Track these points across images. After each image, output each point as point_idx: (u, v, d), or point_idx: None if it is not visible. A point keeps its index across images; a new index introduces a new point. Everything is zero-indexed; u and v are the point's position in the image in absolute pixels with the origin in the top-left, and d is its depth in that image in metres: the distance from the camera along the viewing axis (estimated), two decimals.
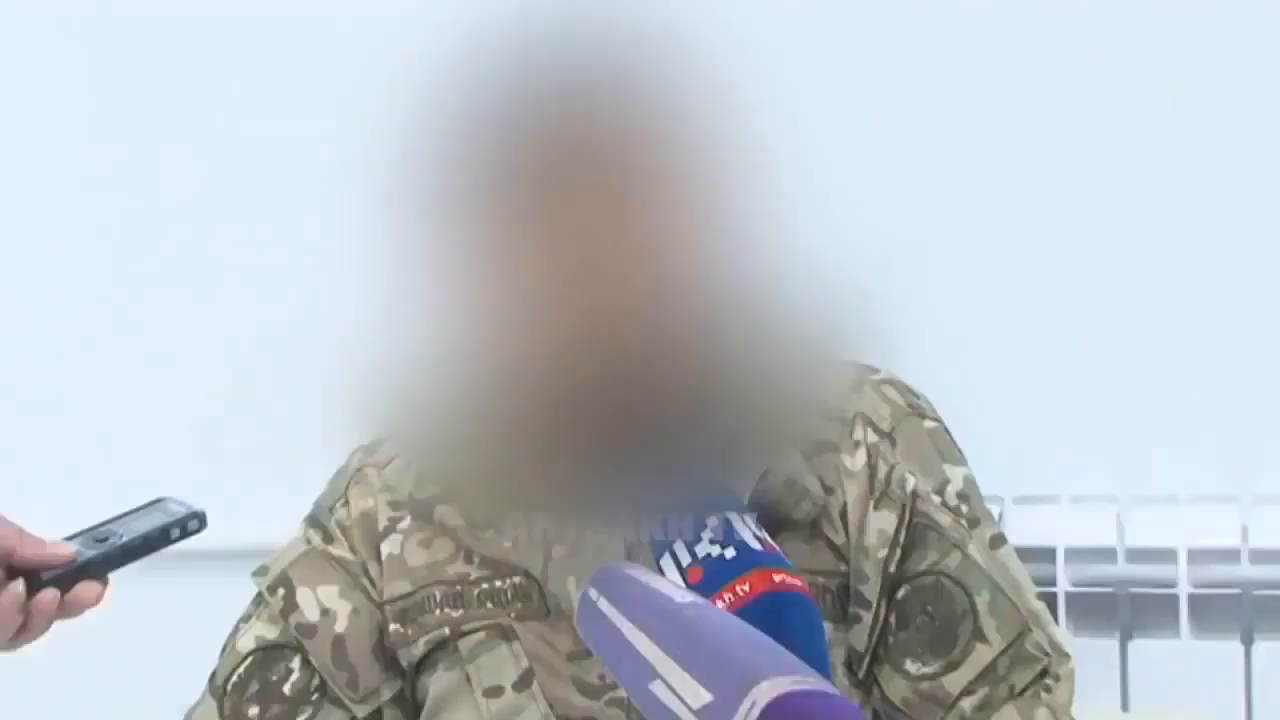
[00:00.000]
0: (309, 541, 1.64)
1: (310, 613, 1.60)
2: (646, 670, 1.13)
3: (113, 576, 1.42)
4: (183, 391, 2.18)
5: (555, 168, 1.41)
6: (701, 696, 1.08)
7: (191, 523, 1.45)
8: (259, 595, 1.64)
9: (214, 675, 1.62)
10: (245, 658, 1.61)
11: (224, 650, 1.63)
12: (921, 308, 1.88)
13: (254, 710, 1.59)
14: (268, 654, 1.61)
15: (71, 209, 2.22)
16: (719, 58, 1.41)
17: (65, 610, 1.39)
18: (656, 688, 1.12)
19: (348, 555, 1.62)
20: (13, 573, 1.38)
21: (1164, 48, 1.96)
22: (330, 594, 1.61)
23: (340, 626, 1.60)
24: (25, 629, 1.38)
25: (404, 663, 1.60)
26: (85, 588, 1.40)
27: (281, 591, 1.62)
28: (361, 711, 1.59)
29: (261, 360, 2.08)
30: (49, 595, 1.38)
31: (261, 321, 2.11)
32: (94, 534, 1.43)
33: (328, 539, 1.63)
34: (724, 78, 1.41)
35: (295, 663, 1.60)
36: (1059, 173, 1.96)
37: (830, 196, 1.54)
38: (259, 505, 1.85)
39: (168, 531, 1.44)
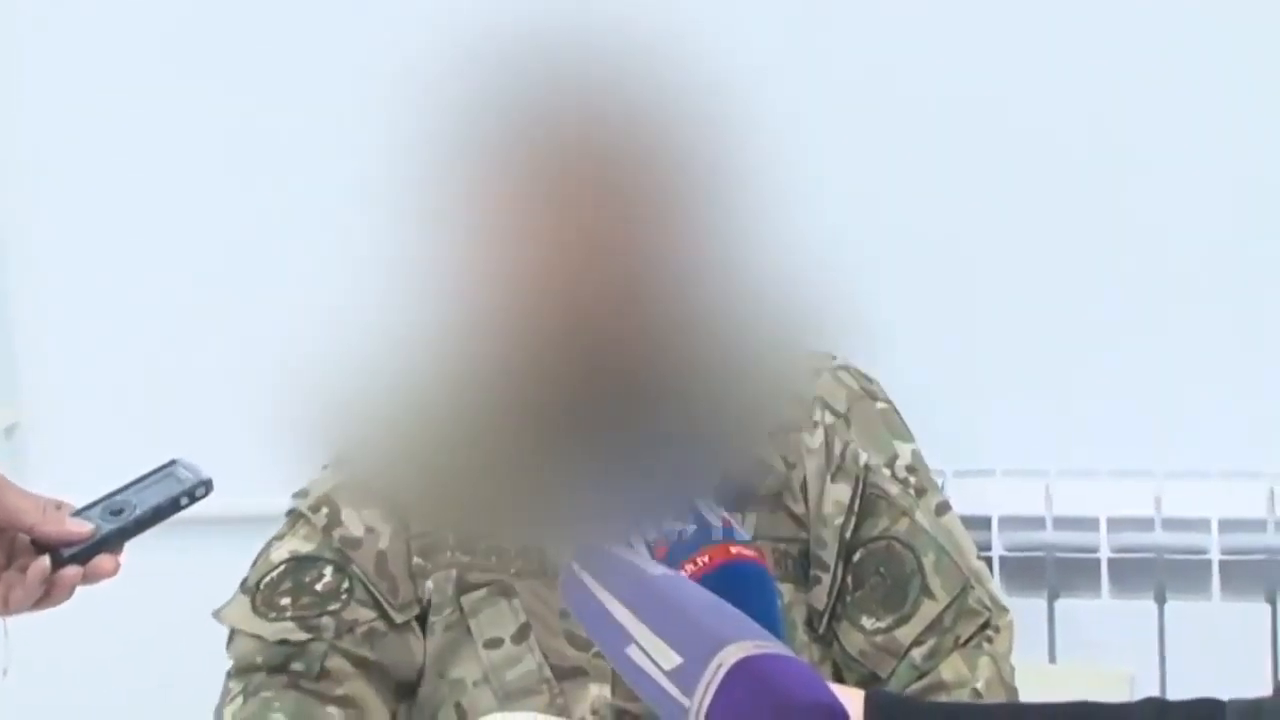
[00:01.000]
0: (347, 473, 1.73)
1: (355, 529, 1.71)
2: (623, 636, 1.25)
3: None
4: (214, 372, 2.23)
5: (544, 167, 1.49)
6: (673, 659, 1.19)
7: (199, 490, 1.49)
8: (294, 515, 1.74)
9: (245, 580, 1.73)
10: (278, 565, 1.71)
11: (255, 562, 1.74)
12: (876, 304, 1.99)
13: (286, 600, 1.70)
14: (301, 563, 1.71)
15: (80, 202, 2.29)
16: (703, 66, 1.49)
17: (84, 581, 1.45)
18: (632, 651, 1.23)
19: (383, 489, 1.71)
20: (36, 547, 1.44)
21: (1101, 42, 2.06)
22: (374, 516, 1.71)
23: (383, 544, 1.70)
24: (47, 598, 1.44)
25: (419, 594, 1.71)
26: (102, 561, 1.45)
27: (325, 510, 1.72)
28: (400, 618, 1.69)
29: (282, 345, 2.13)
30: (73, 571, 1.43)
31: (283, 308, 2.16)
32: (109, 505, 1.47)
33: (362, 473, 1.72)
34: (709, 85, 1.49)
35: (328, 570, 1.70)
36: (1000, 174, 2.04)
37: (792, 198, 1.66)
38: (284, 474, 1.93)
39: (177, 500, 1.48)
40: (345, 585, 1.70)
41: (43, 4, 2.28)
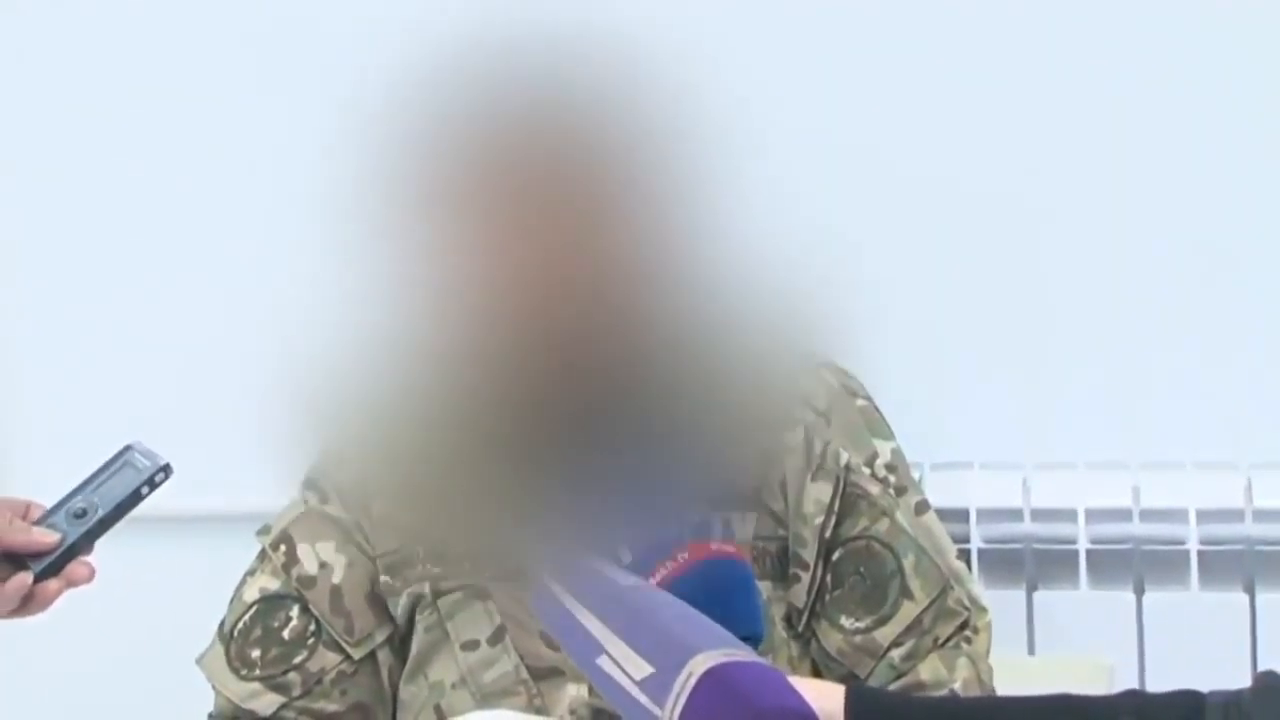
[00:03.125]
0: (306, 502, 1.76)
1: (310, 566, 1.73)
2: (594, 646, 1.26)
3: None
4: (190, 370, 2.23)
5: (517, 173, 1.51)
6: (643, 669, 1.20)
7: (158, 476, 1.50)
8: (263, 551, 1.76)
9: (223, 623, 1.75)
10: (250, 607, 1.74)
11: (232, 601, 1.76)
12: (853, 299, 1.99)
13: (256, 653, 1.72)
14: (270, 603, 1.73)
15: (47, 199, 2.26)
16: (678, 66, 1.50)
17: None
18: (603, 662, 1.24)
19: (342, 514, 1.74)
20: (3, 557, 1.43)
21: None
22: (327, 549, 1.73)
23: (337, 578, 1.72)
24: (23, 608, 1.44)
25: (393, 611, 1.72)
26: (77, 568, 1.46)
27: (283, 548, 1.74)
28: (358, 654, 1.71)
29: (262, 342, 2.14)
30: (56, 585, 1.44)
31: (261, 307, 2.17)
32: (71, 508, 1.48)
33: (323, 499, 1.75)
34: (682, 86, 1.50)
35: (294, 611, 1.72)
36: (975, 169, 2.03)
37: (768, 196, 1.67)
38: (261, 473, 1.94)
39: (138, 491, 1.49)
40: (311, 627, 1.72)
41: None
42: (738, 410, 1.65)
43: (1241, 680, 1.29)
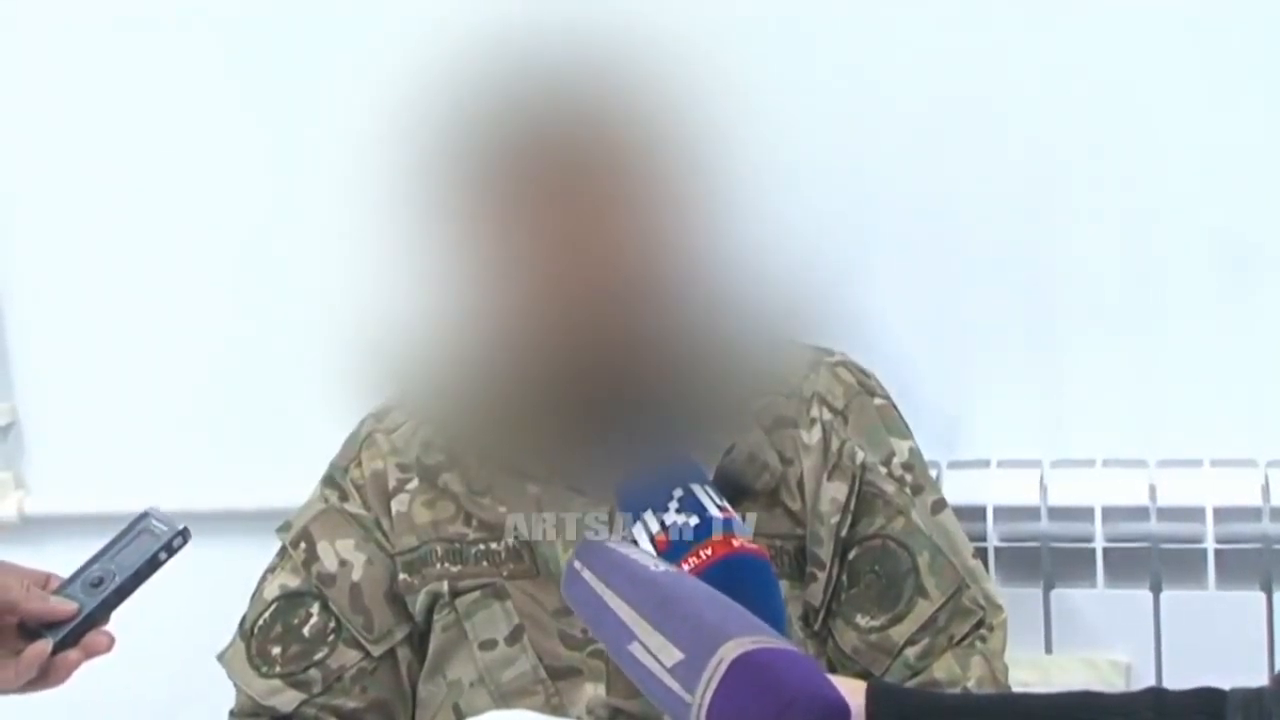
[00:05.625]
0: (326, 500, 1.77)
1: (330, 563, 1.74)
2: (625, 633, 1.26)
3: None
4: (210, 368, 2.22)
5: (548, 166, 1.54)
6: (674, 655, 1.20)
7: (176, 541, 1.51)
8: (283, 549, 1.77)
9: (243, 620, 1.77)
10: (270, 604, 1.75)
11: (252, 598, 1.77)
12: (870, 296, 2.00)
13: (277, 649, 1.74)
14: (290, 600, 1.75)
15: (106, 185, 2.25)
16: (689, 64, 1.53)
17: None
18: (634, 649, 1.24)
19: (362, 511, 1.75)
20: (20, 627, 1.44)
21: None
22: (347, 546, 1.74)
23: (356, 575, 1.73)
24: (44, 680, 1.44)
25: (411, 609, 1.73)
26: (95, 638, 1.46)
27: (303, 545, 1.75)
28: (377, 651, 1.73)
29: (282, 338, 2.15)
30: (75, 655, 1.44)
31: (282, 301, 2.15)
32: (88, 578, 1.48)
33: (343, 497, 1.77)
34: (696, 87, 1.53)
35: (315, 608, 1.74)
36: (984, 166, 2.01)
37: (785, 192, 1.68)
38: (280, 471, 1.95)
39: (155, 558, 1.50)
40: (331, 624, 1.73)
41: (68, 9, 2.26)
42: (747, 398, 1.68)
43: (1259, 678, 1.29)
